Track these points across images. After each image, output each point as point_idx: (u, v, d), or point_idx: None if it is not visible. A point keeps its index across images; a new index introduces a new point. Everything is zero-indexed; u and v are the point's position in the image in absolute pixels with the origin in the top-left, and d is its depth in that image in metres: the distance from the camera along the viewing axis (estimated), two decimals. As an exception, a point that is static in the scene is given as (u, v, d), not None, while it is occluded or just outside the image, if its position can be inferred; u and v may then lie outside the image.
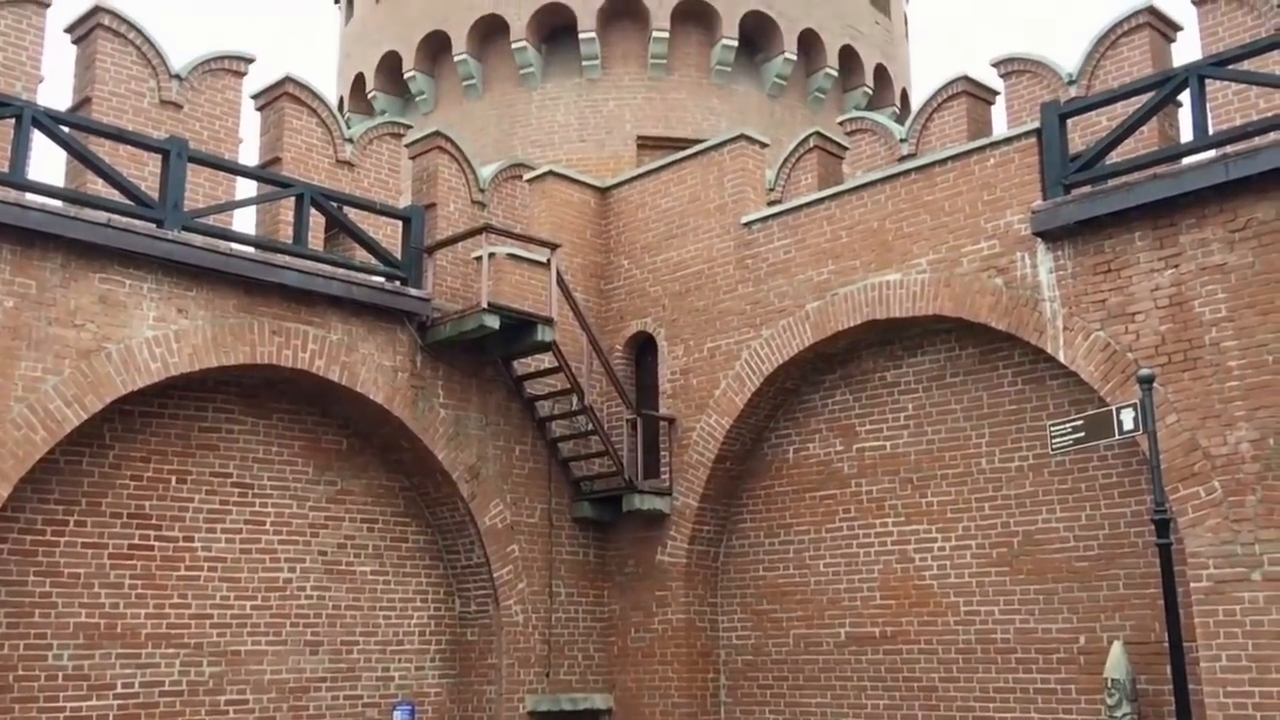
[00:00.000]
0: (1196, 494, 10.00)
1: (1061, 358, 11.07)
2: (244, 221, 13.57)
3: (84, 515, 11.22)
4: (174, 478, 11.82)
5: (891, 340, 12.94)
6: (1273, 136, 10.15)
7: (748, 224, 13.88)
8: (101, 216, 10.91)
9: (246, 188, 13.24)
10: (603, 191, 15.55)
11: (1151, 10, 12.47)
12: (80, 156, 11.31)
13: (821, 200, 13.28)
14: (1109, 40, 12.70)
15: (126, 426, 11.54)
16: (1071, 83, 13.01)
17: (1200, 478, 9.99)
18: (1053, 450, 10.30)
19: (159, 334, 11.16)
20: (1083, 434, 9.80)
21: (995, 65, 13.92)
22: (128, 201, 11.30)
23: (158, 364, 11.12)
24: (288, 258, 12.25)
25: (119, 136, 11.58)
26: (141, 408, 11.57)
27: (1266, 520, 9.62)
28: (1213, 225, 10.22)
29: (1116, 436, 9.63)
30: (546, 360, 13.79)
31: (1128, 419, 9.38)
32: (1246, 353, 9.90)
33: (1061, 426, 10.02)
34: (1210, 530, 9.88)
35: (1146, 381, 9.37)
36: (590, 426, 13.84)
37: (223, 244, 11.79)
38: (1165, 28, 12.61)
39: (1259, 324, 9.86)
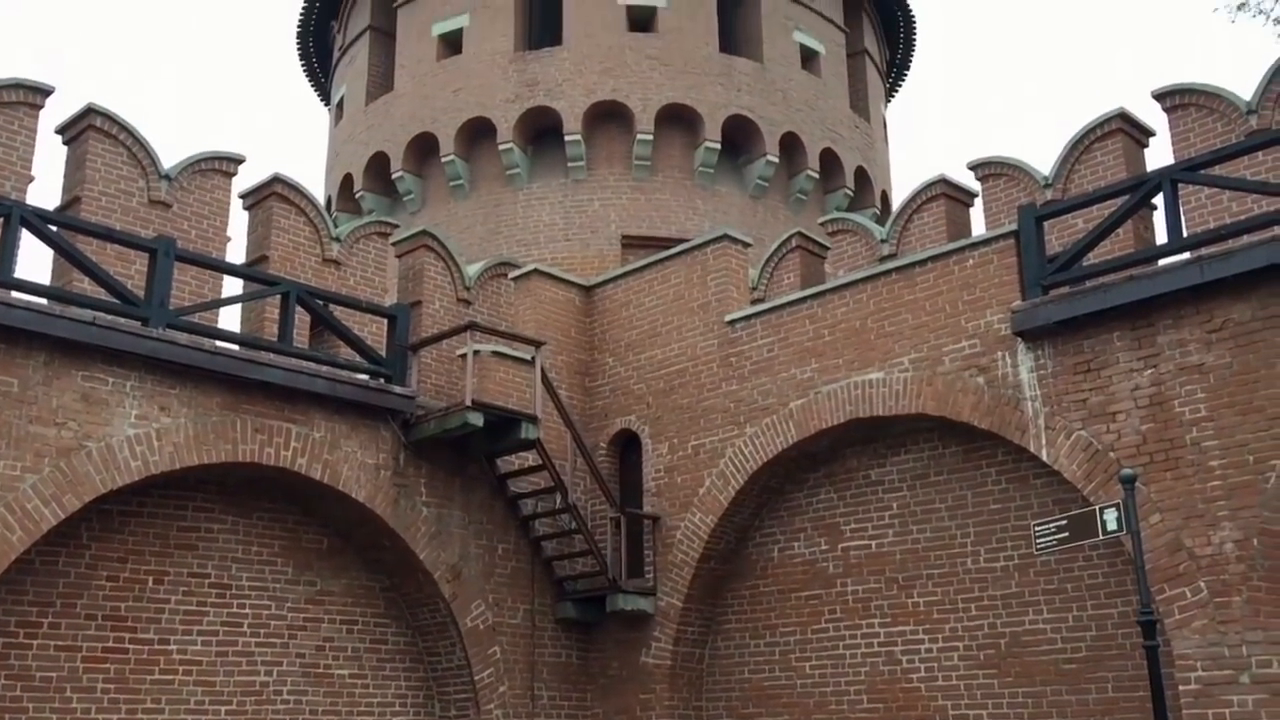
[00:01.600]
0: (1182, 595, 9.95)
1: (1044, 457, 11.10)
2: (230, 319, 13.63)
3: (58, 617, 11.03)
4: (151, 578, 11.65)
5: (875, 438, 12.96)
6: (1246, 239, 10.34)
7: (731, 322, 13.99)
8: (87, 314, 10.93)
9: (233, 286, 13.32)
10: (587, 290, 15.67)
11: (1124, 116, 12.80)
12: (68, 255, 11.37)
13: (804, 299, 13.41)
14: (1083, 145, 13.01)
15: (104, 526, 11.41)
16: (1047, 186, 13.28)
17: (1186, 578, 9.95)
18: (1037, 550, 10.26)
19: (140, 432, 11.11)
20: (1067, 534, 9.78)
21: (973, 168, 14.22)
22: (113, 299, 11.34)
23: (138, 462, 11.05)
24: (272, 355, 12.27)
25: (107, 235, 11.67)
26: (120, 507, 11.46)
27: (1253, 621, 9.56)
28: (1190, 326, 10.34)
29: (1100, 537, 9.61)
30: (530, 458, 13.75)
31: (1111, 519, 9.37)
32: (1228, 452, 9.94)
33: (1046, 526, 10.00)
34: (1197, 632, 9.81)
35: (1129, 481, 9.39)
36: (574, 525, 13.75)
37: (207, 342, 11.81)
38: (1137, 133, 12.93)
39: (1239, 423, 9.93)
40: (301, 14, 23.99)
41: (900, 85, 26.60)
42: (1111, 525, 9.41)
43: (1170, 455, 10.26)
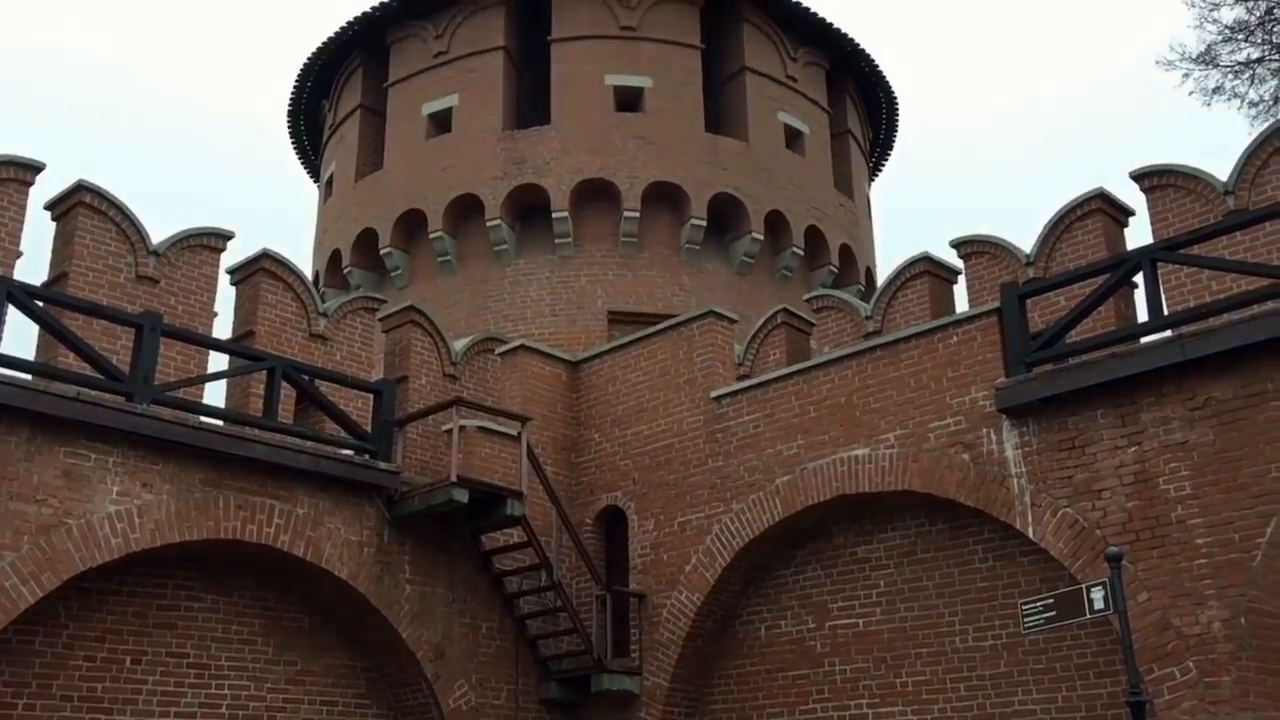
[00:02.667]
0: (1171, 674, 9.87)
1: (1031, 534, 11.07)
2: (215, 394, 13.58)
3: (33, 698, 10.82)
4: (129, 658, 11.46)
5: (862, 515, 12.92)
6: (1226, 317, 10.45)
7: (717, 398, 14.01)
8: (70, 390, 10.89)
9: (220, 361, 13.29)
10: (574, 366, 15.70)
11: (1103, 196, 12.99)
12: (53, 331, 11.36)
13: (790, 376, 13.45)
14: (1064, 224, 13.18)
15: (83, 604, 11.25)
16: (1029, 263, 13.42)
17: (1174, 658, 9.88)
18: (1025, 630, 10.18)
19: (121, 509, 11.01)
20: (1054, 613, 9.71)
21: (955, 246, 14.37)
22: (98, 375, 11.31)
23: (118, 540, 10.93)
24: (257, 431, 12.22)
25: (94, 311, 11.67)
26: (99, 585, 11.30)
27: (1243, 702, 9.48)
28: (1173, 403, 10.40)
29: (1088, 616, 9.55)
30: (515, 535, 13.65)
31: (1098, 598, 9.33)
32: (1213, 530, 9.94)
33: (1033, 605, 9.94)
34: (1187, 713, 9.71)
35: (1115, 560, 9.36)
36: (559, 603, 13.61)
37: (191, 417, 11.76)
38: (1117, 213, 13.12)
39: (1223, 501, 9.94)
40: (293, 93, 24.29)
41: (883, 164, 26.99)
42: (1099, 604, 9.36)
43: (1156, 533, 10.25)
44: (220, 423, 12.19)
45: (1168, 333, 10.81)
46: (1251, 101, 22.79)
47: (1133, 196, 13.05)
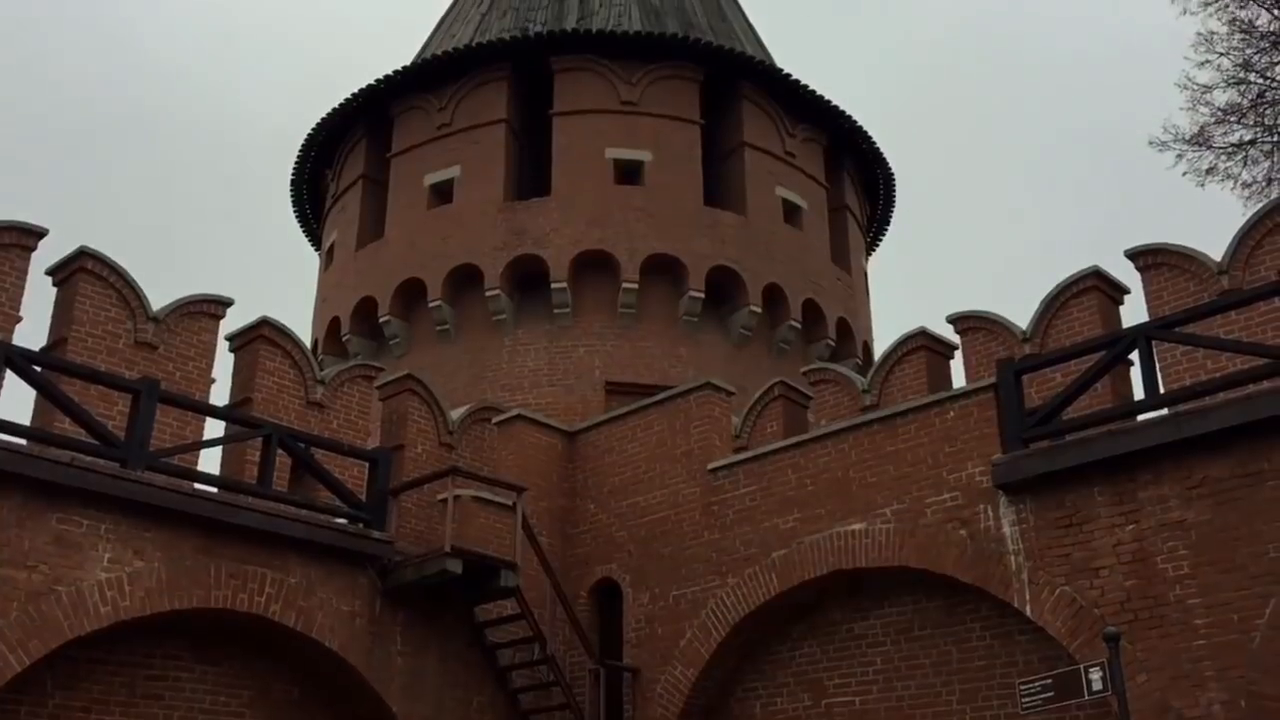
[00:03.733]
0: (1172, 757, 9.73)
1: (1028, 613, 10.98)
2: (210, 461, 13.55)
3: (16, 769, 10.64)
4: (115, 729, 11.28)
5: (858, 591, 12.82)
6: (1223, 396, 10.47)
7: (714, 471, 13.97)
8: (65, 455, 10.86)
9: (216, 427, 13.28)
10: (570, 436, 15.67)
11: (1098, 274, 13.08)
12: (50, 396, 11.35)
13: (787, 449, 13.43)
14: (1059, 301, 13.26)
15: (70, 673, 11.10)
16: (1025, 340, 13.47)
17: (1175, 740, 9.75)
18: (1023, 710, 10.06)
19: (112, 576, 10.91)
20: (1052, 693, 9.61)
21: (952, 321, 14.44)
22: (93, 440, 11.28)
23: (108, 608, 10.82)
24: (251, 499, 12.16)
25: (91, 377, 11.68)
26: (87, 653, 11.16)
27: (1245, 787, 9.34)
28: (1170, 482, 10.38)
29: (1086, 696, 9.44)
30: (509, 607, 13.52)
31: (1096, 678, 9.23)
32: (1212, 611, 9.86)
33: (1031, 685, 9.83)
34: (1189, 797, 9.56)
35: (1113, 640, 9.27)
36: (552, 677, 13.44)
37: (186, 484, 11.72)
38: (1112, 291, 13.20)
39: (1221, 581, 9.88)
40: (297, 162, 24.53)
41: (880, 239, 27.19)
42: (1097, 685, 9.27)
43: (1155, 613, 10.17)
44: (214, 490, 12.15)
45: (1164, 411, 10.83)
46: (1245, 182, 23.09)
47: (1128, 274, 13.17)
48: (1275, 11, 22.41)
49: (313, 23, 68.65)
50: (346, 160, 23.93)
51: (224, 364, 13.89)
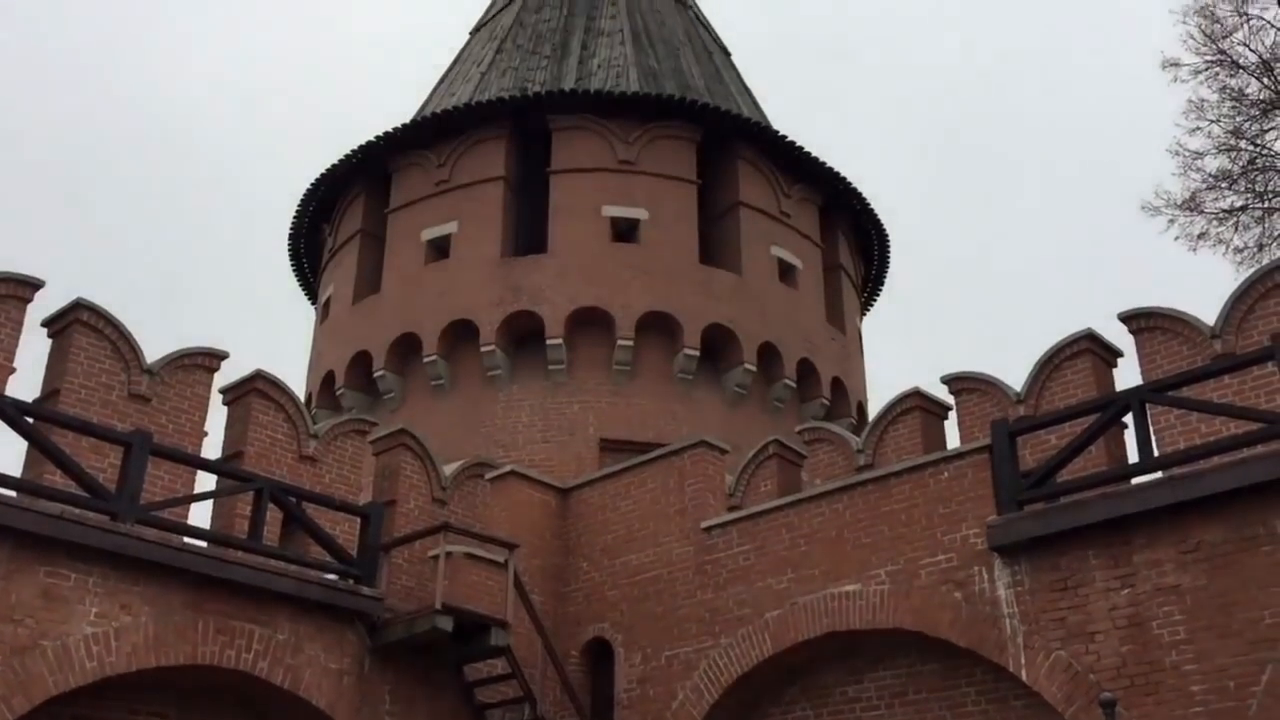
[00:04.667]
0: (1170, 827, 9.60)
1: (1024, 677, 10.88)
2: (201, 515, 13.47)
3: (-7, 828, 10.44)
4: (96, 787, 11.10)
5: (852, 653, 12.70)
6: (1217, 460, 10.47)
7: (707, 529, 13.90)
8: (55, 508, 10.78)
9: (207, 480, 13.22)
10: (564, 493, 15.61)
11: (1092, 337, 13.14)
12: (41, 448, 11.30)
13: (781, 508, 13.37)
14: (1053, 363, 13.30)
15: (52, 729, 10.94)
16: (1019, 401, 13.49)
17: (1172, 809, 9.62)
18: (1020, 776, 9.94)
19: (99, 631, 10.79)
20: (1049, 760, 9.49)
21: (946, 382, 14.47)
22: (83, 493, 11.22)
23: (94, 663, 10.68)
24: (241, 553, 12.07)
25: (83, 429, 11.64)
26: (70, 709, 10.98)
27: None
28: (1165, 546, 10.34)
29: (1084, 763, 9.33)
30: (499, 665, 13.38)
31: (1094, 745, 9.13)
32: (1208, 677, 9.78)
33: (1027, 751, 9.72)
34: None
35: (1109, 706, 9.20)
36: (541, 738, 13.27)
37: (175, 538, 11.63)
38: (1106, 353, 13.24)
39: (1218, 648, 9.81)
40: (295, 217, 24.66)
41: (875, 299, 27.31)
42: (1094, 751, 9.15)
43: (1151, 679, 10.09)
44: (204, 544, 12.06)
45: (1158, 474, 10.82)
46: (1236, 248, 23.31)
47: (1120, 336, 13.23)
48: (1265, 80, 22.75)
49: (313, 78, 69.39)
50: (344, 215, 24.06)
51: (218, 417, 13.87)
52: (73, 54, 62.06)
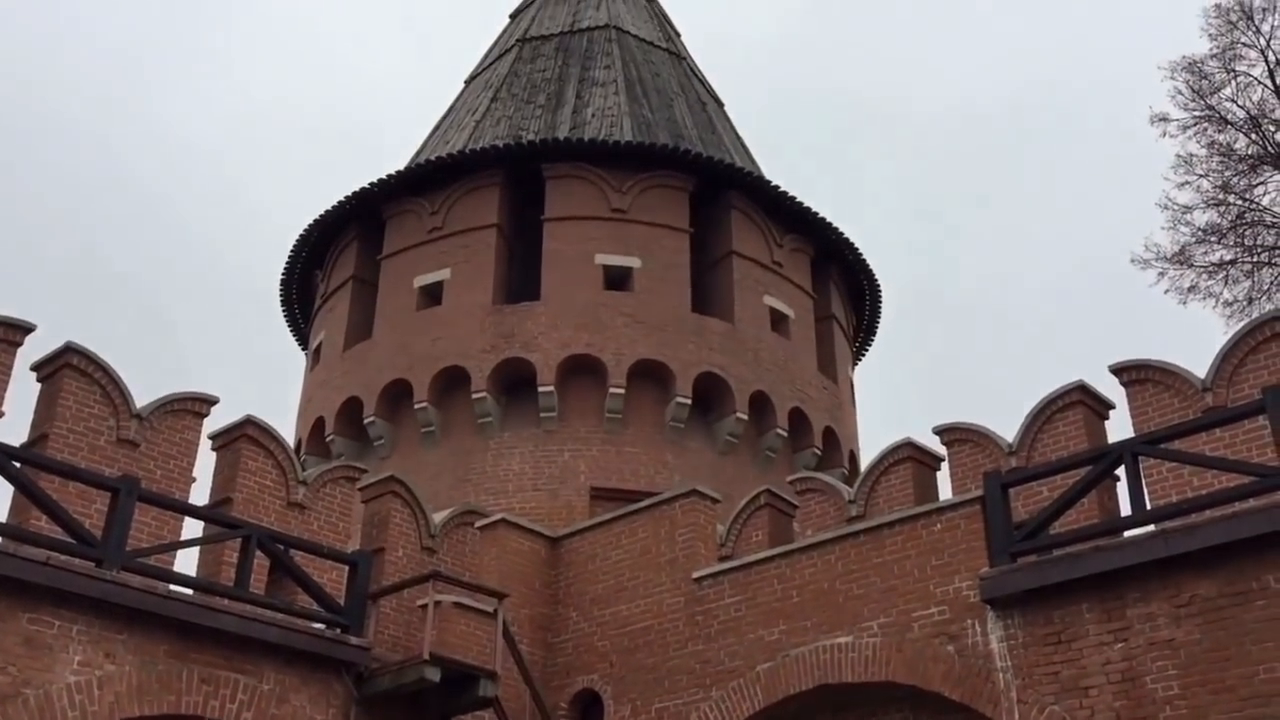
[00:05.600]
0: None
1: (1018, 732, 10.76)
2: (188, 561, 13.34)
3: None
4: (74, 840, 10.87)
5: (845, 706, 12.54)
6: (1209, 514, 10.44)
7: (698, 580, 13.79)
8: (40, 554, 10.67)
9: (195, 527, 13.11)
10: (554, 541, 15.50)
11: (1084, 389, 13.15)
12: (27, 493, 11.21)
13: (772, 558, 13.29)
14: (1045, 415, 13.29)
15: (31, 780, 10.75)
16: (1011, 453, 13.47)
17: None
18: (1014, 833, 9.80)
19: (82, 679, 10.64)
20: (1043, 817, 9.37)
21: (938, 433, 14.45)
22: (69, 539, 11.11)
23: (76, 713, 10.52)
24: (226, 601, 11.95)
25: (71, 474, 11.55)
26: (51, 760, 10.82)
27: None
28: (1158, 600, 10.28)
29: (1078, 821, 9.21)
30: (488, 717, 13.22)
31: (1089, 803, 9.01)
32: (1203, 733, 9.68)
33: (1021, 808, 9.59)
34: None
35: (1105, 762, 9.09)
36: (529, 791, 13.08)
37: (161, 585, 11.51)
38: (1098, 405, 13.25)
39: (1212, 703, 9.73)
40: (287, 263, 24.68)
41: (867, 349, 27.36)
42: (1089, 809, 9.04)
43: (1145, 735, 9.98)
44: (189, 591, 11.94)
45: (1151, 527, 10.79)
46: (1226, 301, 23.45)
47: (1112, 388, 13.24)
48: (1253, 136, 22.99)
49: (309, 125, 69.83)
50: (337, 261, 24.09)
51: (207, 462, 13.79)
52: (68, 98, 62.42)
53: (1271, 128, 23.30)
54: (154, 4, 67.57)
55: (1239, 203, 23.53)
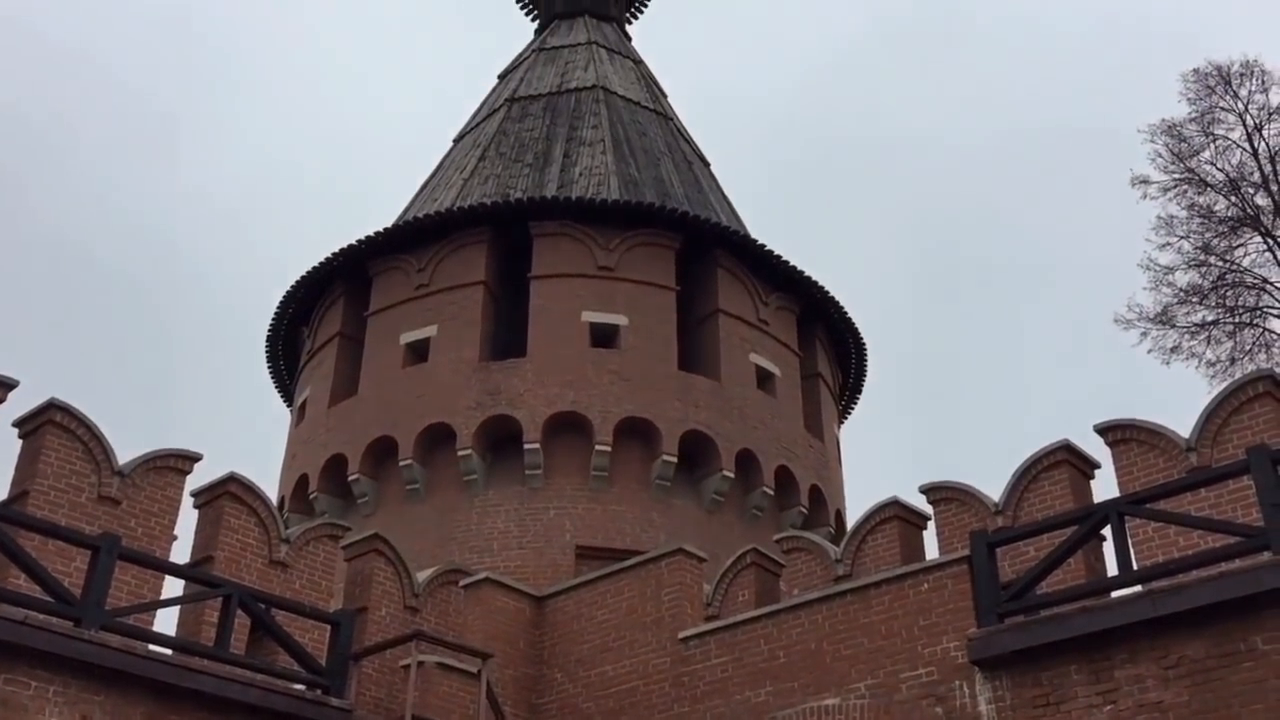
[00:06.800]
0: None
1: (1008, 797, 10.64)
2: (167, 620, 13.18)
3: None
4: None
5: (832, 770, 12.41)
6: (1196, 574, 10.42)
7: (685, 640, 13.66)
8: (18, 613, 10.52)
9: (176, 585, 12.95)
10: (539, 601, 15.35)
11: (1069, 448, 13.17)
12: (5, 551, 11.08)
13: (759, 618, 13.18)
14: (1031, 474, 13.31)
15: (2, 847, 10.52)
16: (998, 512, 13.47)
17: None
18: None
19: (56, 742, 10.45)
20: None
21: (924, 492, 14.44)
22: (48, 598, 10.96)
23: (48, 777, 10.32)
24: (206, 661, 11.78)
25: (51, 532, 11.43)
26: (21, 826, 10.60)
27: None
28: (1146, 661, 10.23)
29: None
30: (469, 781, 13.01)
31: None
32: (1194, 798, 9.59)
33: None
34: None
35: (1095, 827, 8.98)
36: None
37: (140, 645, 11.35)
38: (1083, 465, 13.28)
39: (1203, 766, 9.64)
40: (274, 319, 24.67)
41: (853, 407, 27.40)
42: None
43: (1136, 799, 9.88)
44: (169, 651, 11.77)
45: (1138, 588, 10.76)
46: (1209, 361, 23.61)
47: (1097, 447, 13.28)
48: (1232, 198, 23.30)
49: (296, 183, 70.16)
50: (323, 318, 24.09)
51: (189, 519, 13.68)
52: (57, 161, 62.62)
53: (1251, 190, 23.63)
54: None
55: (1220, 264, 23.78)
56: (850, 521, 19.75)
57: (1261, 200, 23.44)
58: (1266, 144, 23.56)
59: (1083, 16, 66.36)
